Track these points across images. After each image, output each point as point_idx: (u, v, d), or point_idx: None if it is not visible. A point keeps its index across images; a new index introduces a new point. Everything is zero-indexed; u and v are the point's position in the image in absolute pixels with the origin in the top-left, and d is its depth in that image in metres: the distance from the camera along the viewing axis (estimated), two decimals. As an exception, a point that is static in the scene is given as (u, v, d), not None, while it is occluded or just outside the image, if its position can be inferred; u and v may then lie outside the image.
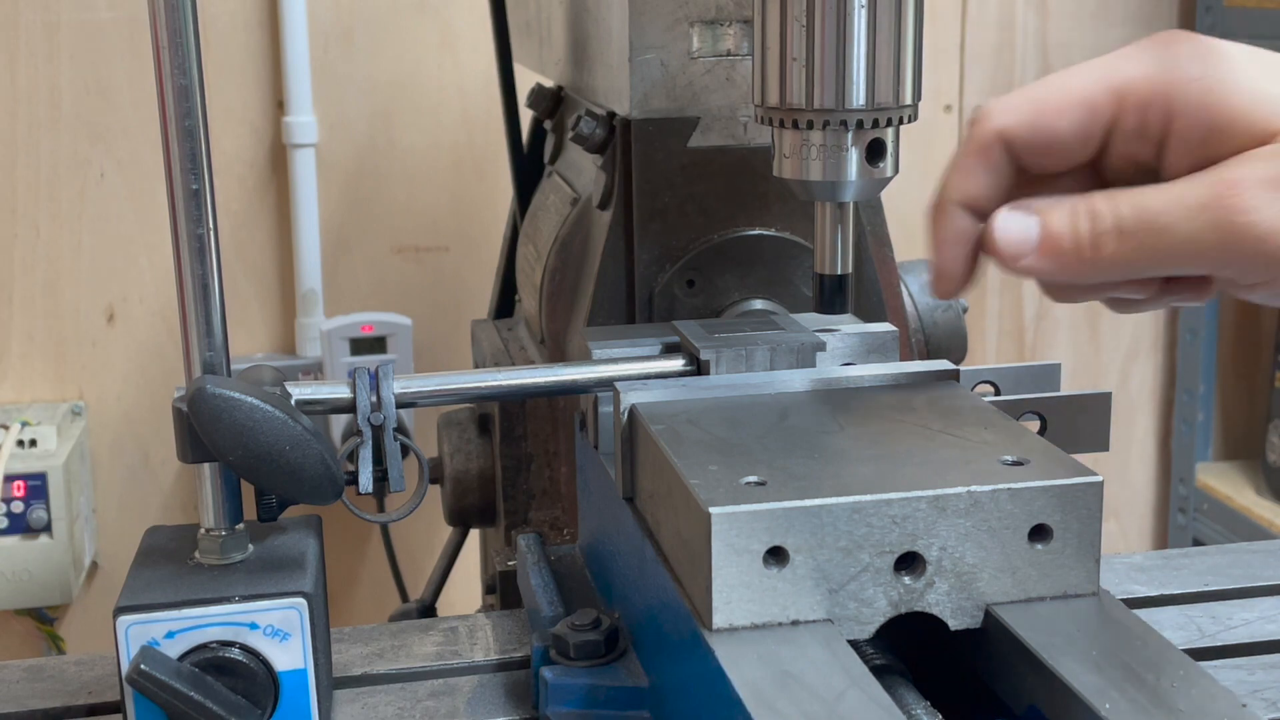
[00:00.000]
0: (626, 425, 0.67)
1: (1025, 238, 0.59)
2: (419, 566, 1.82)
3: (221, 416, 0.62)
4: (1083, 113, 0.59)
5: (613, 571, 0.73)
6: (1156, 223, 0.57)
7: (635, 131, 0.89)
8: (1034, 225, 0.59)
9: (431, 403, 0.71)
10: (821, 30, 0.70)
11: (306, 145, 1.73)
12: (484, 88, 1.75)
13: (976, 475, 0.58)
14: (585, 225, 0.98)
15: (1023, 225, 0.59)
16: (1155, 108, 0.58)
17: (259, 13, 1.71)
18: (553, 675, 0.67)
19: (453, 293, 1.81)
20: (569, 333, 0.99)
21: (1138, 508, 2.14)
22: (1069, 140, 0.59)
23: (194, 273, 0.64)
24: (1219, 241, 0.56)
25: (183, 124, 0.63)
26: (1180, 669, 0.54)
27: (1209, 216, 0.56)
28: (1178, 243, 0.57)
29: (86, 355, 1.75)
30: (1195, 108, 0.57)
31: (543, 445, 1.04)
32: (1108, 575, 0.75)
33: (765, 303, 0.89)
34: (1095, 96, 0.59)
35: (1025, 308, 2.02)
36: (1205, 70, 0.57)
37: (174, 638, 0.63)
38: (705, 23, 0.89)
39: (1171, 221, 0.56)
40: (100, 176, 1.71)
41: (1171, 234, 0.57)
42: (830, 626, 0.56)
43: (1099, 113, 0.59)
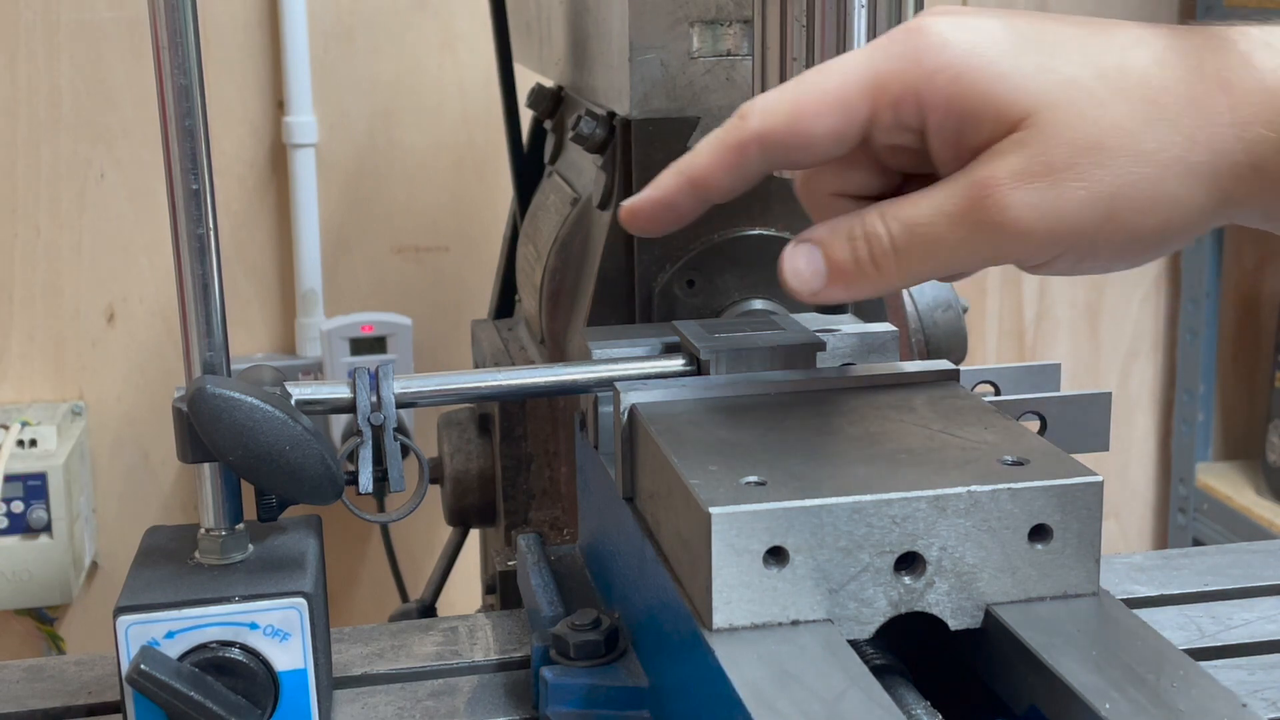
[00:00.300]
0: (626, 425, 0.67)
1: (815, 273, 0.60)
2: (419, 566, 1.82)
3: (221, 416, 0.62)
4: (838, 114, 0.58)
5: (613, 571, 0.73)
6: (926, 236, 0.58)
7: (635, 131, 0.89)
8: (819, 260, 0.60)
9: (431, 403, 0.71)
10: (821, 30, 0.70)
11: (306, 145, 1.73)
12: (484, 88, 1.75)
13: (976, 475, 0.58)
14: (585, 225, 0.98)
15: (810, 262, 0.60)
16: (907, 103, 0.58)
17: (259, 13, 1.71)
18: (553, 675, 0.67)
19: (453, 293, 1.81)
20: (569, 333, 0.99)
21: (1138, 508, 2.15)
22: (826, 141, 0.59)
23: (194, 273, 0.64)
24: (987, 242, 0.57)
25: (183, 124, 0.63)
26: (1180, 669, 0.54)
27: (971, 221, 0.57)
28: (950, 250, 0.58)
29: (86, 355, 1.75)
30: (944, 100, 0.57)
31: (543, 445, 1.04)
32: (1108, 575, 0.75)
33: (765, 303, 0.89)
34: (849, 97, 0.58)
35: (1025, 308, 2.02)
36: (950, 58, 0.57)
37: (174, 638, 0.63)
38: (705, 23, 0.89)
39: (939, 233, 0.57)
40: (100, 177, 1.71)
41: (942, 244, 0.58)
42: (830, 626, 0.56)
43: (854, 113, 0.58)
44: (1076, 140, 0.56)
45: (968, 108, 0.57)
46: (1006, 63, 0.57)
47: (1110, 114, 0.56)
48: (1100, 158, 0.56)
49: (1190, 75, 0.56)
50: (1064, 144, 0.56)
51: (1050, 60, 0.57)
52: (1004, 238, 0.57)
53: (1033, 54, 0.57)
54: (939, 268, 0.59)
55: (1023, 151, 0.56)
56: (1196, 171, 0.56)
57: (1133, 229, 0.57)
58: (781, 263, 0.61)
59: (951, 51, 0.57)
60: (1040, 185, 0.56)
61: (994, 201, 0.56)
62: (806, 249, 0.61)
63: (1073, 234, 0.57)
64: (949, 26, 0.57)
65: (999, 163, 0.56)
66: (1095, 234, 0.57)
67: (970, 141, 0.58)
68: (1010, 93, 0.56)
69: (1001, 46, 0.57)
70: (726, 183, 0.62)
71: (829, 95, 0.59)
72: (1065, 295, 2.02)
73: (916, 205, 0.58)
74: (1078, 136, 0.56)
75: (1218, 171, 0.56)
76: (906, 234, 0.58)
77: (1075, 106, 0.56)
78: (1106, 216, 0.56)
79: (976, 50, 0.57)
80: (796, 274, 0.61)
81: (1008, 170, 0.56)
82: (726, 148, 0.61)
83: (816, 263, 0.60)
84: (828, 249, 0.60)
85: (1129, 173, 0.56)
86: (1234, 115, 0.56)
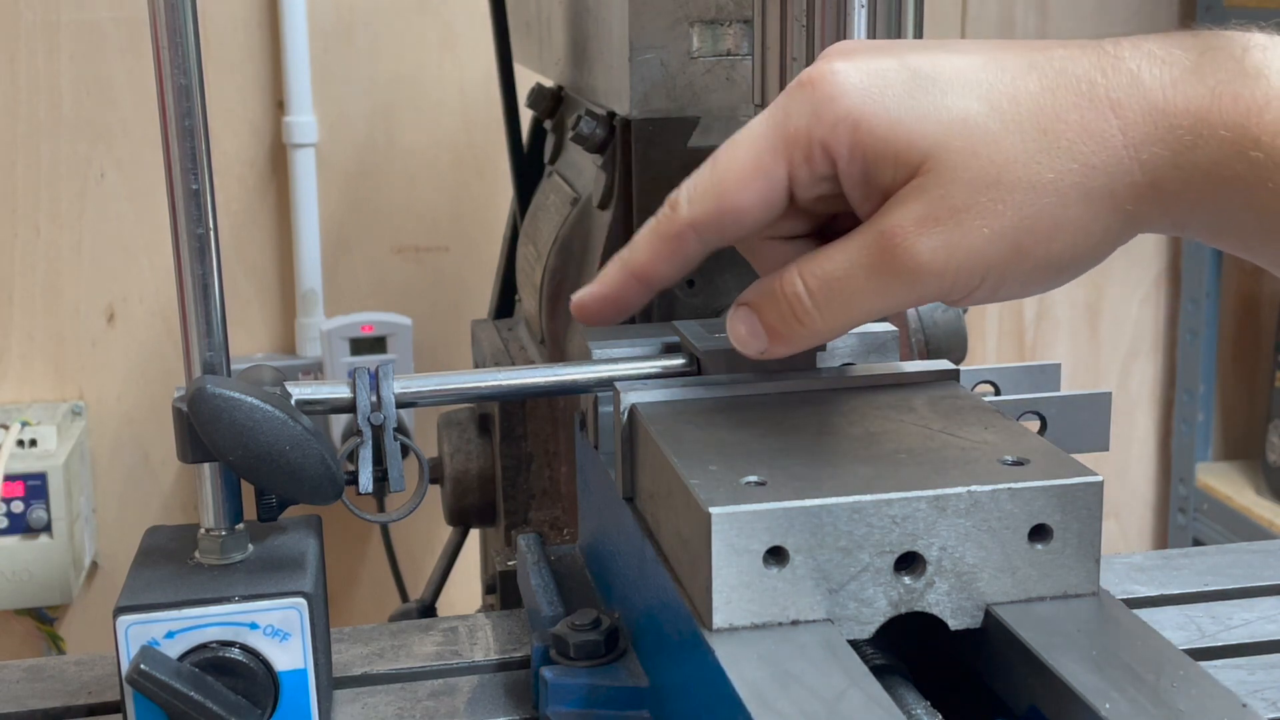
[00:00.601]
0: (626, 425, 0.67)
1: (755, 336, 0.63)
2: (419, 566, 1.82)
3: (221, 416, 0.62)
4: (760, 181, 0.60)
5: (613, 571, 0.73)
6: (844, 288, 0.59)
7: (635, 131, 0.89)
8: (756, 323, 0.62)
9: (431, 403, 0.71)
10: (821, 30, 0.70)
11: (306, 145, 1.73)
12: (484, 88, 1.75)
13: (976, 475, 0.58)
14: (585, 225, 0.98)
15: (749, 327, 0.63)
16: (817, 157, 0.59)
17: (259, 12, 1.71)
18: (553, 675, 0.67)
19: (453, 293, 1.81)
20: (569, 333, 0.99)
21: (1138, 508, 2.15)
22: (755, 211, 0.61)
23: (194, 273, 0.64)
24: (902, 287, 0.58)
25: (183, 124, 0.63)
26: (1180, 669, 0.54)
27: (883, 271, 0.58)
28: (868, 299, 0.59)
29: (86, 355, 1.75)
30: (847, 150, 0.58)
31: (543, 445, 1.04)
32: (1108, 575, 0.75)
33: (765, 303, 0.88)
34: (765, 163, 0.60)
35: (1025, 308, 2.02)
36: (848, 108, 0.58)
37: (174, 638, 0.63)
38: (705, 23, 0.89)
39: (856, 284, 0.59)
40: (100, 176, 1.71)
41: (859, 294, 0.59)
42: (830, 626, 0.56)
43: (773, 176, 0.60)
44: (974, 179, 0.57)
45: (869, 155, 0.58)
46: (901, 107, 0.57)
47: (1004, 149, 0.57)
48: (999, 193, 0.57)
49: (1080, 100, 0.57)
50: (962, 184, 0.57)
51: (943, 99, 0.57)
52: (917, 282, 0.58)
53: (925, 93, 0.58)
54: (860, 316, 0.61)
55: (924, 197, 0.57)
56: (1096, 196, 0.57)
57: (1041, 257, 0.58)
58: (728, 328, 0.64)
59: (848, 101, 0.58)
60: (944, 229, 0.57)
61: (901, 250, 0.57)
62: (745, 314, 0.63)
63: (983, 270, 0.58)
64: (845, 72, 0.58)
65: (902, 210, 0.57)
66: (1005, 266, 0.58)
67: (877, 185, 0.59)
68: (907, 138, 0.57)
69: (895, 89, 0.58)
70: (668, 271, 0.64)
71: (746, 167, 0.60)
72: (1065, 295, 2.02)
73: (832, 259, 0.60)
74: (974, 176, 0.57)
75: (1117, 193, 0.57)
76: (824, 289, 0.60)
77: (970, 146, 0.57)
78: (1013, 249, 0.57)
79: (870, 97, 0.58)
80: (741, 340, 0.63)
81: (911, 218, 0.57)
82: (663, 239, 0.63)
83: (755, 327, 0.63)
84: (760, 312, 0.62)
85: (1030, 204, 0.57)
86: (1126, 137, 0.56)
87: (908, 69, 0.58)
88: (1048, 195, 0.57)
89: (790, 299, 0.61)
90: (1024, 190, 0.57)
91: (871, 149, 0.58)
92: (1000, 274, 0.58)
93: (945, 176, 0.57)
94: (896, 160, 0.57)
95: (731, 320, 0.64)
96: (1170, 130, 0.56)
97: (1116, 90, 0.57)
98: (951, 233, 0.57)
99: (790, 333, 0.61)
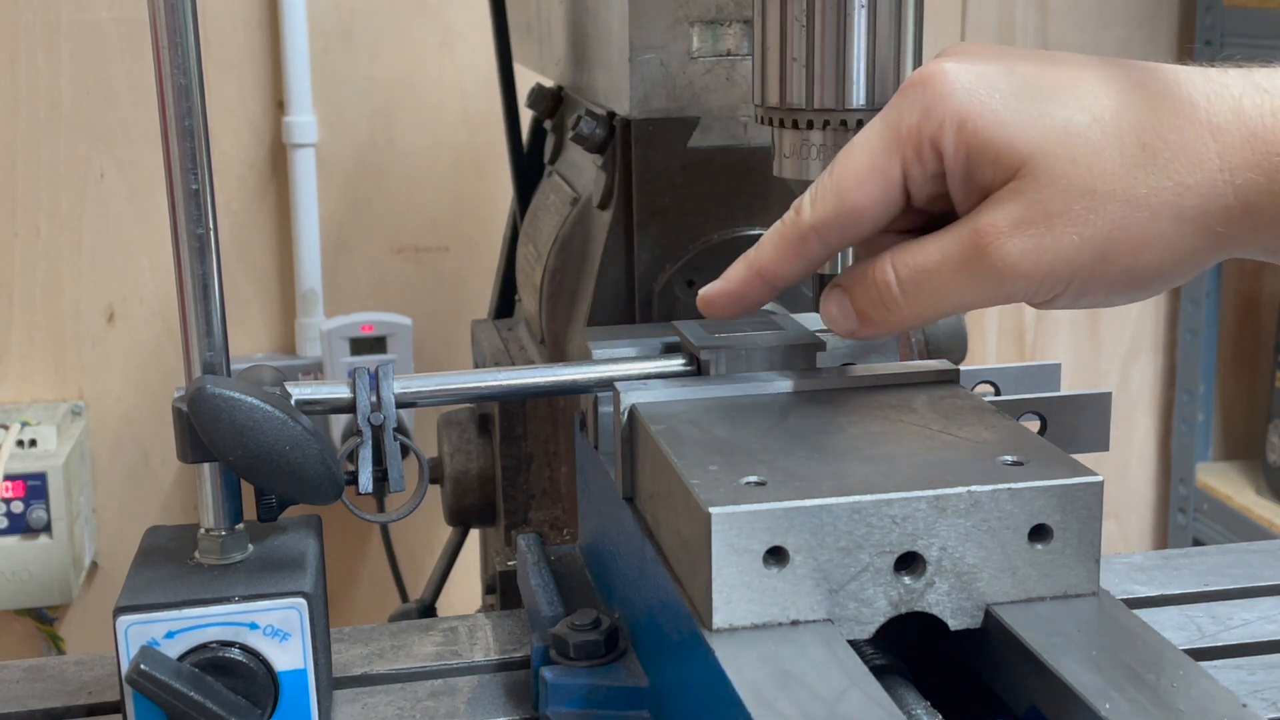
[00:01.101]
0: (626, 425, 0.67)
1: (846, 316, 0.65)
2: (419, 566, 1.82)
3: (221, 416, 0.62)
4: (877, 181, 0.62)
5: (613, 571, 0.73)
6: (933, 281, 0.61)
7: (635, 131, 0.89)
8: (848, 305, 0.65)
9: (431, 403, 0.71)
10: (821, 30, 0.70)
11: (306, 145, 1.73)
12: (484, 88, 1.75)
13: (976, 475, 0.58)
14: (585, 225, 0.98)
15: (840, 308, 0.65)
16: (927, 154, 0.61)
17: (259, 12, 1.71)
18: (553, 675, 0.67)
19: (453, 293, 1.81)
20: (569, 333, 0.99)
21: (1138, 508, 2.14)
22: (875, 210, 0.62)
23: (194, 273, 0.64)
24: (988, 284, 0.60)
25: (183, 124, 0.63)
26: (1180, 669, 0.54)
27: (973, 267, 0.60)
28: (955, 293, 0.61)
29: (86, 355, 1.75)
30: (953, 147, 0.60)
31: (543, 445, 1.04)
32: (1108, 575, 0.75)
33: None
34: (880, 162, 0.61)
35: (1025, 308, 2.02)
36: (956, 106, 0.59)
37: (174, 638, 0.63)
38: (705, 23, 0.89)
39: (944, 277, 0.61)
40: (100, 176, 1.71)
41: (947, 287, 0.61)
42: (830, 626, 0.56)
43: (890, 175, 0.62)
44: (1070, 187, 0.58)
45: (972, 154, 0.59)
46: (1007, 110, 0.59)
47: (1103, 161, 0.58)
48: (1093, 203, 0.58)
49: (1181, 121, 0.58)
50: (1058, 191, 0.58)
51: (1047, 106, 0.59)
52: (1004, 281, 0.60)
53: (1031, 100, 0.59)
54: (947, 308, 0.62)
55: (1019, 200, 0.59)
56: (1187, 215, 0.58)
57: (1127, 269, 0.60)
58: (820, 307, 0.66)
59: (957, 100, 0.59)
60: (1036, 232, 0.59)
61: (993, 248, 0.59)
62: (837, 295, 0.65)
63: (1069, 276, 0.60)
64: (955, 73, 0.60)
65: (997, 211, 0.59)
66: (1090, 275, 0.60)
67: (977, 183, 0.60)
68: (1009, 140, 0.59)
69: (1003, 93, 0.59)
70: (792, 272, 0.66)
71: (863, 168, 0.62)
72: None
73: (924, 250, 0.61)
74: (1071, 184, 0.58)
75: (1209, 214, 0.58)
76: (914, 279, 0.62)
77: (1069, 154, 0.58)
78: (1100, 258, 0.59)
79: (978, 98, 0.59)
80: (832, 320, 0.66)
81: (1006, 218, 0.59)
82: (788, 241, 0.65)
83: (846, 308, 0.65)
84: (851, 295, 0.64)
85: (1122, 217, 0.58)
86: (1223, 161, 0.58)
87: (1016, 75, 0.60)
88: (1141, 210, 0.58)
89: (880, 286, 0.63)
90: (1118, 202, 0.58)
91: (975, 148, 0.59)
92: (1085, 281, 0.60)
93: (1042, 181, 0.58)
94: (997, 161, 0.59)
95: (824, 300, 0.66)
96: (1268, 157, 0.57)
97: (1218, 115, 0.58)
98: (1042, 237, 0.59)
99: (878, 317, 0.63)
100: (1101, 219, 0.58)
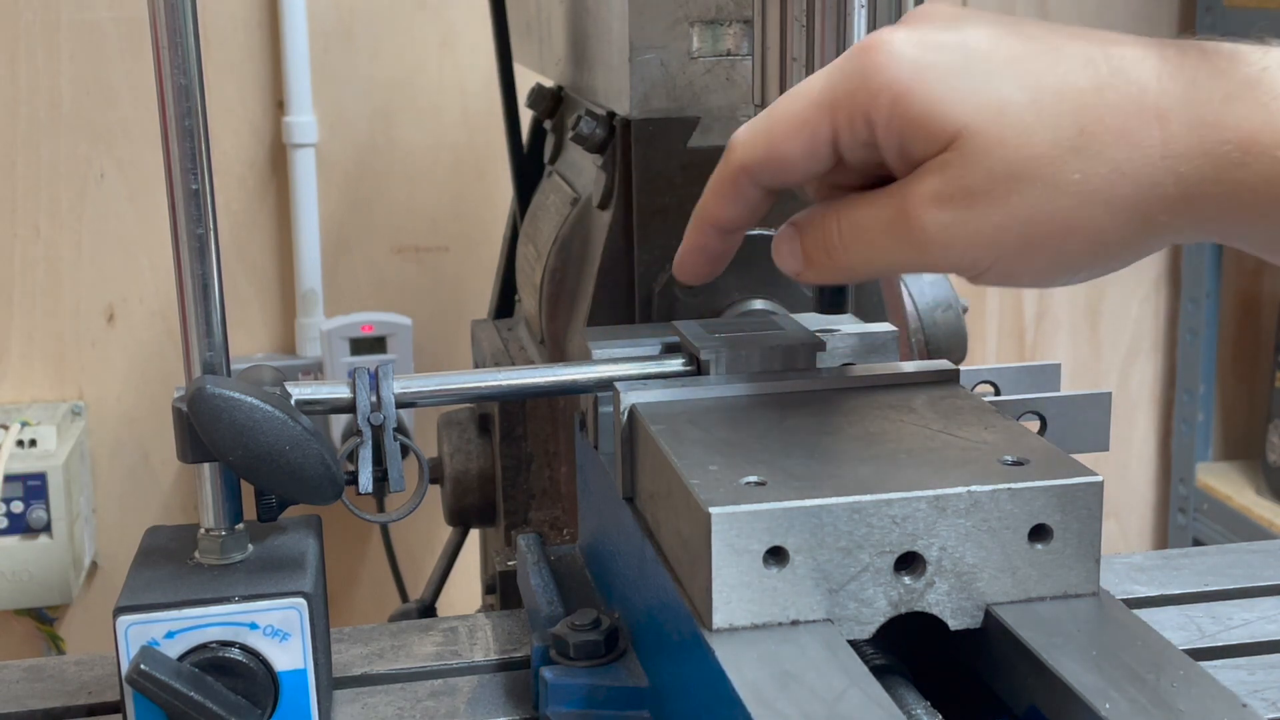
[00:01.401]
0: (626, 425, 0.67)
1: (795, 256, 0.65)
2: (419, 566, 1.82)
3: (221, 416, 0.62)
4: (805, 136, 0.61)
5: (613, 571, 0.73)
6: (866, 238, 0.61)
7: (635, 131, 0.89)
8: (797, 245, 0.65)
9: (431, 403, 0.71)
10: (821, 30, 0.70)
11: (306, 145, 1.73)
12: (484, 88, 1.75)
13: (976, 475, 0.58)
14: (585, 225, 0.98)
15: (790, 246, 0.65)
16: (859, 121, 0.59)
17: (259, 12, 1.71)
18: (553, 675, 0.67)
19: (453, 293, 1.81)
20: (569, 333, 0.99)
21: (1138, 508, 2.15)
22: (801, 162, 0.62)
23: (194, 273, 0.64)
24: (912, 250, 0.59)
25: (183, 124, 0.63)
26: (1180, 669, 0.54)
27: (898, 232, 0.59)
28: (884, 253, 0.61)
29: (86, 355, 1.75)
30: (885, 118, 0.58)
31: (543, 445, 1.04)
32: (1108, 575, 0.75)
33: (765, 303, 0.89)
34: (811, 119, 0.61)
35: (1025, 308, 2.02)
36: (892, 78, 0.58)
37: (174, 638, 0.63)
38: (705, 23, 0.89)
39: (874, 237, 0.61)
40: (100, 176, 1.71)
41: (878, 248, 0.61)
42: (830, 626, 0.56)
43: (818, 133, 0.61)
44: (995, 167, 0.57)
45: (905, 126, 0.58)
46: (945, 84, 0.57)
47: (1033, 142, 0.56)
48: (1017, 185, 0.57)
49: (1126, 104, 0.56)
50: (983, 169, 0.57)
51: (989, 82, 0.57)
52: (926, 252, 0.59)
53: (973, 74, 0.57)
54: (880, 267, 0.62)
55: (944, 174, 0.58)
56: (1120, 203, 0.57)
57: (1052, 256, 0.58)
58: (773, 244, 0.66)
59: (894, 71, 0.58)
60: (956, 208, 0.57)
61: (915, 219, 0.58)
62: (790, 233, 0.65)
63: (991, 256, 0.59)
64: (900, 43, 0.58)
65: (922, 183, 0.58)
66: (1015, 257, 0.58)
67: (910, 155, 0.59)
68: (942, 114, 0.57)
69: (945, 66, 0.58)
70: (735, 213, 0.66)
71: (794, 120, 0.61)
72: (1065, 295, 2.02)
73: (860, 208, 0.61)
74: (996, 163, 0.57)
75: (1146, 202, 0.57)
76: (851, 233, 0.62)
77: (999, 132, 0.57)
78: (1022, 242, 0.58)
79: (918, 71, 0.58)
80: (780, 256, 0.66)
81: (929, 190, 0.58)
82: (722, 182, 0.65)
83: (795, 249, 0.65)
84: (802, 236, 0.64)
85: (1046, 202, 0.57)
86: (1166, 148, 0.56)
87: (965, 47, 0.58)
88: (1067, 196, 0.56)
89: (825, 232, 0.63)
90: (1043, 186, 0.56)
91: (907, 121, 0.58)
92: (1009, 264, 0.59)
93: (968, 158, 0.57)
94: (928, 135, 0.58)
95: (778, 238, 0.66)
96: (1218, 145, 0.55)
97: (1167, 98, 0.56)
98: (963, 213, 0.57)
99: (821, 263, 0.63)
100: (1025, 202, 0.57)
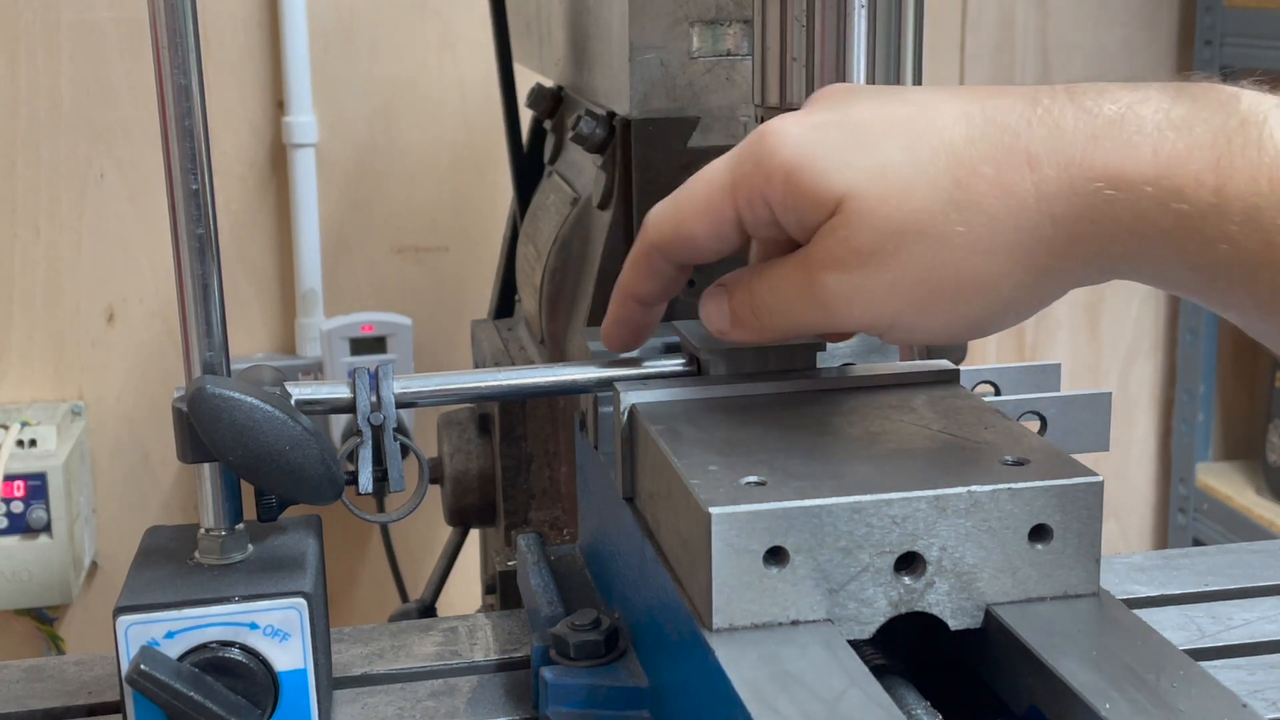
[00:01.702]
0: (626, 425, 0.67)
1: (721, 314, 0.66)
2: (419, 566, 1.82)
3: (221, 416, 0.62)
4: (710, 218, 0.63)
5: (613, 571, 0.73)
6: (782, 301, 0.62)
7: (635, 131, 0.89)
8: (725, 305, 0.65)
9: (431, 403, 0.71)
10: (821, 30, 0.70)
11: (306, 145, 1.73)
12: (484, 88, 1.75)
13: (976, 475, 0.58)
14: (585, 225, 0.98)
15: (717, 306, 0.66)
16: (758, 202, 0.61)
17: (259, 13, 1.71)
18: (553, 675, 0.67)
19: (453, 293, 1.81)
20: (569, 333, 0.99)
21: (1138, 508, 2.14)
22: (708, 243, 0.64)
23: (194, 273, 0.64)
24: (821, 314, 0.61)
25: (183, 124, 0.63)
26: (1180, 669, 0.54)
27: (806, 296, 0.60)
28: (800, 316, 0.62)
29: (86, 355, 1.75)
30: (780, 197, 0.60)
31: (543, 445, 1.04)
32: (1108, 575, 0.75)
33: (765, 303, 0.88)
34: (715, 202, 0.62)
35: (1025, 308, 2.01)
36: (784, 159, 0.59)
37: (174, 638, 0.63)
38: (705, 23, 0.89)
39: (787, 299, 0.62)
40: (100, 176, 1.71)
41: (793, 310, 0.62)
42: (830, 626, 0.56)
43: (722, 216, 0.62)
44: (879, 226, 0.58)
45: (798, 201, 0.59)
46: (830, 157, 0.59)
47: (913, 199, 0.57)
48: (904, 242, 0.57)
49: (998, 153, 0.57)
50: (868, 230, 0.58)
51: (872, 150, 0.58)
52: (831, 314, 0.60)
53: (857, 146, 0.59)
54: (799, 328, 0.63)
55: (834, 237, 0.59)
56: (1001, 251, 0.57)
57: (949, 308, 0.59)
58: (699, 303, 0.67)
59: (785, 153, 0.59)
60: (849, 270, 0.59)
61: (816, 282, 0.60)
62: (718, 293, 0.66)
63: (890, 315, 0.59)
64: (790, 126, 0.60)
65: (818, 245, 0.60)
66: (913, 313, 0.59)
67: (808, 226, 0.60)
68: (829, 183, 0.58)
69: (830, 141, 0.59)
70: (651, 288, 0.67)
71: (699, 203, 0.63)
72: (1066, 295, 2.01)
73: (778, 272, 0.62)
74: (880, 222, 0.58)
75: (1026, 249, 0.57)
76: (770, 294, 0.63)
77: (880, 192, 0.58)
78: (917, 298, 0.58)
79: (805, 149, 0.59)
80: (708, 315, 0.67)
81: (824, 254, 0.59)
82: (638, 259, 0.67)
83: (723, 308, 0.66)
84: (730, 296, 0.65)
85: (931, 256, 0.57)
86: (1039, 191, 0.56)
87: (849, 122, 0.60)
88: (952, 249, 0.57)
89: (749, 294, 0.64)
90: (928, 241, 0.57)
91: (799, 195, 0.59)
92: (910, 321, 0.59)
93: (853, 220, 0.58)
94: (817, 204, 0.59)
95: (705, 295, 0.67)
96: (1086, 183, 0.55)
97: (1036, 143, 0.56)
98: (854, 274, 0.58)
99: (748, 323, 0.64)
100: (914, 258, 0.57)
